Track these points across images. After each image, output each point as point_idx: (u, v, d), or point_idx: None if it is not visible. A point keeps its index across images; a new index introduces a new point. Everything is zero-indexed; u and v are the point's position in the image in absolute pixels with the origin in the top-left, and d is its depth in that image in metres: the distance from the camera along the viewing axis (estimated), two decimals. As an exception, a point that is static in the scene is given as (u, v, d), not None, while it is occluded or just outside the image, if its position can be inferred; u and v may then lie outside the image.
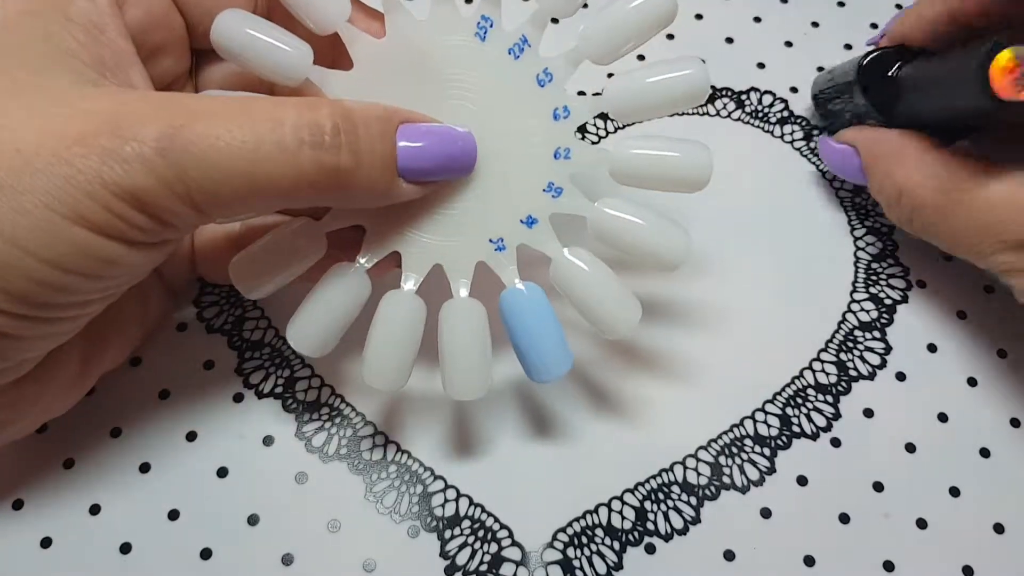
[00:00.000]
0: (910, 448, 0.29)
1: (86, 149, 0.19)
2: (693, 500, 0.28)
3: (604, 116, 0.34)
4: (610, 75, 0.36)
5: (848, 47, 0.38)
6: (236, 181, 0.21)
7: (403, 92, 0.25)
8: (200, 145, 0.20)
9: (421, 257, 0.25)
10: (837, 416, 0.30)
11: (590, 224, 0.26)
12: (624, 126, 0.35)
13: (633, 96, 0.25)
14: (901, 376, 0.31)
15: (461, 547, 0.28)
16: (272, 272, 0.25)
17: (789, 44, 0.38)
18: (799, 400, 0.30)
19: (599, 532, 0.28)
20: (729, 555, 0.28)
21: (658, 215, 0.25)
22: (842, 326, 0.32)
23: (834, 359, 0.31)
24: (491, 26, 0.25)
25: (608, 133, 0.36)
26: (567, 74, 0.25)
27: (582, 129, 0.34)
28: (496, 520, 0.28)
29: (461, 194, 0.25)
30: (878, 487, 0.29)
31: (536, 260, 0.26)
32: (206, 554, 0.27)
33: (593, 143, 0.35)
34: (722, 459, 0.29)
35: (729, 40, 0.38)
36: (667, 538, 0.28)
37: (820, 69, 0.37)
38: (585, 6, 0.25)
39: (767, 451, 0.29)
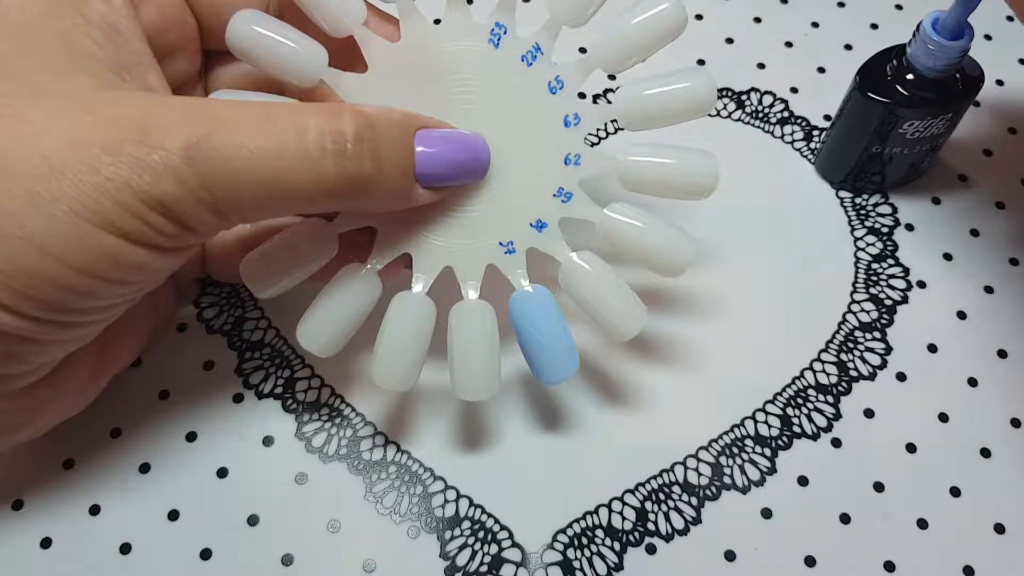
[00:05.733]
0: (910, 448, 0.29)
1: (114, 157, 0.20)
2: (694, 500, 0.28)
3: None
4: (611, 77, 0.36)
5: (848, 47, 0.38)
6: (260, 189, 0.21)
7: (417, 96, 0.25)
8: (225, 154, 0.20)
9: (432, 259, 0.26)
10: (838, 416, 0.30)
11: (598, 229, 0.26)
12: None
13: (642, 106, 0.25)
14: (901, 376, 0.31)
15: (461, 548, 0.27)
16: (284, 272, 0.25)
17: (789, 45, 0.38)
18: (800, 400, 0.30)
19: (599, 533, 0.28)
20: (730, 555, 0.28)
21: (665, 222, 0.26)
22: (842, 326, 0.32)
23: (834, 359, 0.31)
24: (505, 33, 0.25)
25: (609, 134, 0.36)
26: (578, 82, 0.26)
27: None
28: (496, 521, 0.28)
29: (473, 197, 0.25)
30: (879, 487, 0.29)
31: (545, 263, 0.26)
32: (206, 554, 0.27)
33: (593, 144, 0.35)
34: (723, 459, 0.29)
35: (729, 40, 0.38)
36: (668, 538, 0.28)
37: (821, 70, 0.37)
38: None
39: (768, 451, 0.29)
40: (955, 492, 0.29)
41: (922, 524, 0.28)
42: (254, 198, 0.21)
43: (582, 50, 0.37)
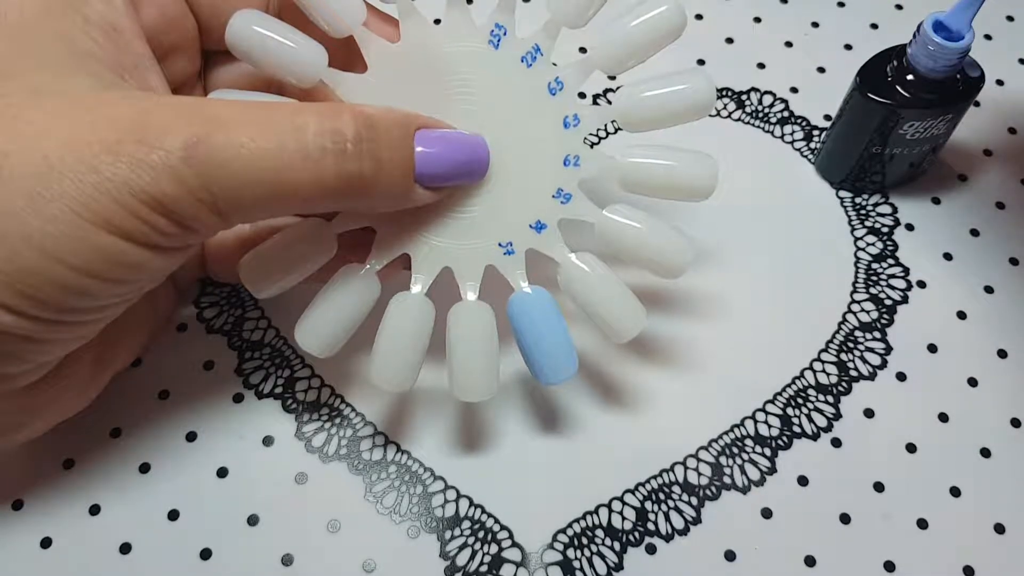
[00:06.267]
0: (910, 448, 0.29)
1: (114, 157, 0.20)
2: (694, 500, 0.28)
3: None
4: (611, 77, 0.36)
5: (848, 47, 0.38)
6: (259, 189, 0.21)
7: (416, 97, 0.25)
8: (224, 153, 0.20)
9: (431, 259, 0.25)
10: (838, 416, 0.30)
11: (597, 230, 0.26)
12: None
13: (641, 108, 0.25)
14: (901, 376, 0.31)
15: (461, 548, 0.27)
16: (282, 272, 0.25)
17: (789, 44, 0.38)
18: (800, 400, 0.30)
19: (599, 533, 0.28)
20: (730, 555, 0.28)
21: (664, 223, 0.26)
22: (842, 326, 0.32)
23: (835, 359, 0.31)
24: (504, 34, 0.25)
25: (609, 133, 0.36)
26: (578, 83, 0.26)
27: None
28: (496, 521, 0.28)
29: (472, 198, 0.25)
30: (879, 487, 0.29)
31: (545, 264, 0.26)
32: (206, 554, 0.27)
33: (593, 144, 0.35)
34: (723, 459, 0.29)
35: (729, 40, 0.38)
36: (668, 538, 0.28)
37: (821, 70, 0.37)
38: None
39: (768, 451, 0.29)
40: (955, 492, 0.29)
41: (922, 524, 0.28)
42: (253, 198, 0.21)
43: (582, 50, 0.37)
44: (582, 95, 0.36)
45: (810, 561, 0.28)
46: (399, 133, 0.23)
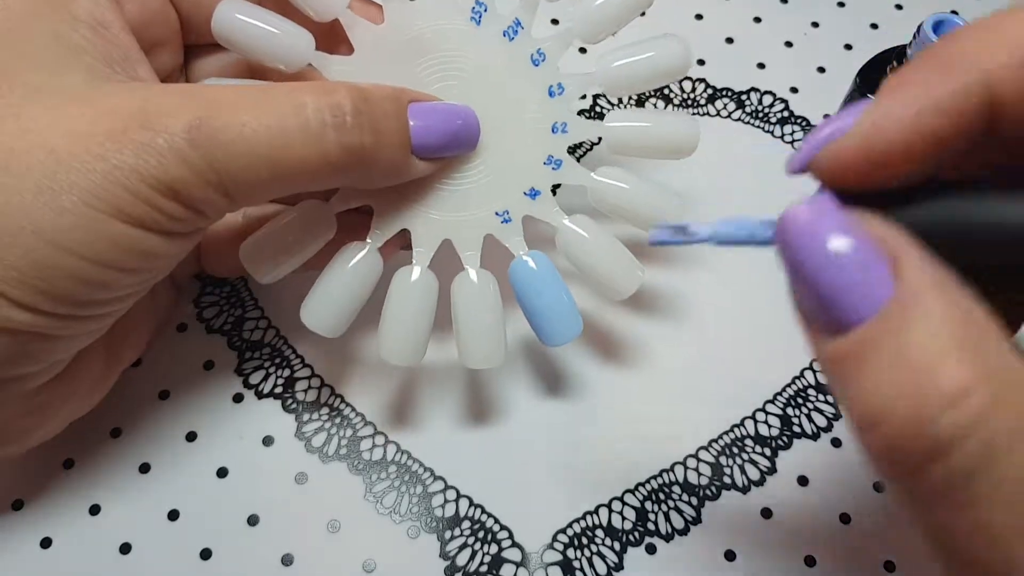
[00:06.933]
0: (911, 448, 0.29)
1: (119, 144, 0.20)
2: (694, 500, 0.28)
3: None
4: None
5: (848, 47, 0.38)
6: (264, 166, 0.21)
7: (403, 75, 0.25)
8: (228, 133, 0.20)
9: (430, 233, 0.26)
10: (838, 416, 0.30)
11: (590, 193, 0.27)
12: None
13: (621, 73, 0.26)
14: (901, 376, 0.31)
15: (461, 548, 0.27)
16: (283, 254, 0.26)
17: (789, 44, 0.38)
18: (800, 400, 0.30)
19: (599, 533, 0.28)
20: (730, 555, 0.28)
21: (650, 182, 0.27)
22: (842, 326, 0.32)
23: (834, 359, 0.31)
24: (485, 10, 0.26)
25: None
26: (559, 53, 0.26)
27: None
28: (496, 521, 0.28)
29: (465, 170, 0.26)
30: (878, 487, 0.29)
31: (542, 230, 0.27)
32: (206, 554, 0.27)
33: (594, 143, 0.35)
34: (723, 459, 0.29)
35: (729, 40, 0.38)
36: (668, 538, 0.28)
37: (821, 70, 0.37)
38: None
39: (768, 451, 0.29)
40: (955, 492, 0.29)
41: (922, 524, 0.28)
42: (259, 176, 0.21)
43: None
44: (582, 97, 0.36)
45: (810, 561, 0.28)
46: (393, 106, 0.23)
